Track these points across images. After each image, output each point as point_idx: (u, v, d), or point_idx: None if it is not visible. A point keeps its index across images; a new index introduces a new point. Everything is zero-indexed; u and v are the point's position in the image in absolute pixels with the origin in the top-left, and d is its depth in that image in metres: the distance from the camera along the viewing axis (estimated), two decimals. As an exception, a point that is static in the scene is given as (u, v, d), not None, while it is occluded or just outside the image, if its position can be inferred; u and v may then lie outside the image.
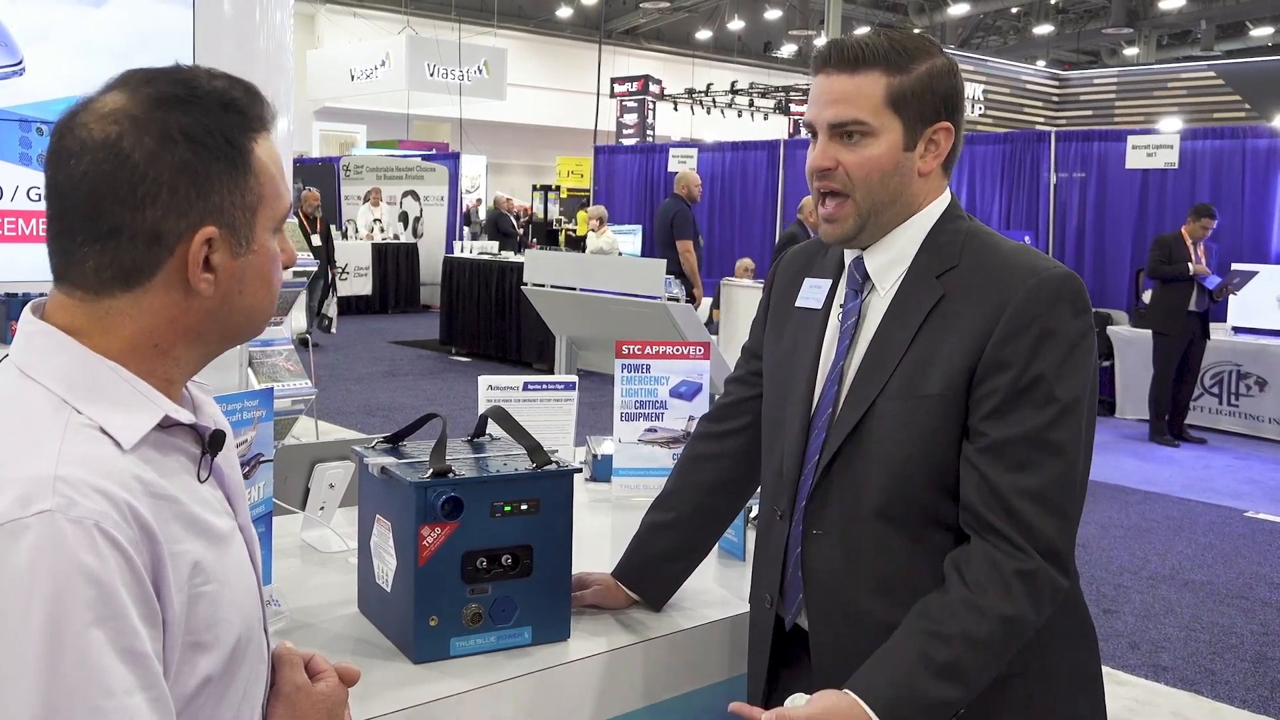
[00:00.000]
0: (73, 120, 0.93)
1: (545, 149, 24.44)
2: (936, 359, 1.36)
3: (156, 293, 0.94)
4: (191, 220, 0.93)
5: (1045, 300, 1.33)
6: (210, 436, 1.00)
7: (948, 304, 1.38)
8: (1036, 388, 1.32)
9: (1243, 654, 4.20)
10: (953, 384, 1.35)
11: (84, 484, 0.84)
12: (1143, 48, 23.80)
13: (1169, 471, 7.12)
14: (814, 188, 1.45)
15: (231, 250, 0.97)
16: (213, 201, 0.94)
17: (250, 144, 0.97)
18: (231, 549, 0.99)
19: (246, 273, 0.98)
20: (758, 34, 27.58)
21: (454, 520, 1.44)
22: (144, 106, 0.93)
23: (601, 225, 11.83)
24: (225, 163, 0.95)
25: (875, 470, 1.38)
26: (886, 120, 1.39)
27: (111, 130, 0.91)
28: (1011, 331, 1.33)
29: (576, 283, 7.47)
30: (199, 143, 0.93)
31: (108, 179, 0.91)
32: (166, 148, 0.92)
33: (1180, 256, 7.63)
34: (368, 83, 20.31)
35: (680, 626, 1.65)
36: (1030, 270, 1.36)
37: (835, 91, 1.40)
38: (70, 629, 0.81)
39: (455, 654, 1.47)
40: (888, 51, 1.38)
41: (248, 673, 1.00)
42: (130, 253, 0.92)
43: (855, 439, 1.40)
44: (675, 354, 2.29)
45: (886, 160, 1.40)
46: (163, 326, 0.96)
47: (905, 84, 1.38)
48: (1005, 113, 16.45)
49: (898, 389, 1.38)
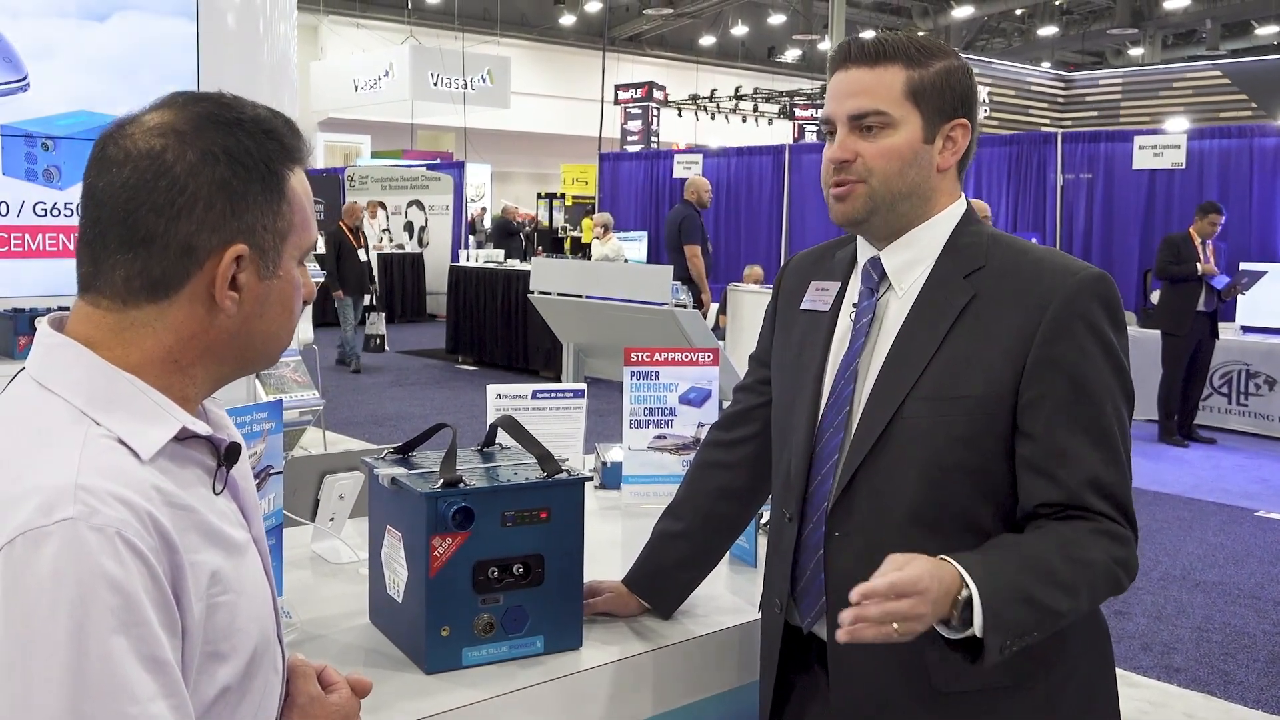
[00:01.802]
0: (119, 131, 0.96)
1: (550, 156, 24.48)
2: (975, 360, 1.35)
3: (181, 306, 0.96)
4: (224, 237, 0.95)
5: (1086, 298, 1.35)
6: (226, 449, 1.01)
7: (980, 304, 1.37)
8: (1093, 381, 1.33)
9: (1255, 654, 4.18)
10: (996, 385, 1.34)
11: (105, 493, 0.85)
12: (1148, 48, 23.78)
13: (1179, 472, 7.10)
14: (828, 184, 1.44)
15: (259, 272, 0.98)
16: (246, 222, 0.96)
17: (286, 172, 1.00)
18: (247, 560, 1.00)
19: (270, 297, 1.00)
20: (761, 39, 27.62)
21: (465, 530, 1.44)
22: (190, 123, 0.95)
23: (607, 232, 11.85)
24: (262, 186, 0.97)
25: (908, 472, 1.36)
26: (906, 111, 1.39)
27: (156, 142, 0.94)
28: (1058, 331, 1.33)
29: (583, 290, 7.48)
30: (239, 163, 0.96)
31: (148, 187, 0.93)
32: (208, 163, 0.94)
33: (1188, 256, 7.61)
34: (371, 93, 20.39)
35: (693, 634, 1.65)
36: (1067, 270, 1.37)
37: (856, 84, 1.40)
38: (94, 635, 0.81)
39: (467, 664, 1.47)
40: (907, 47, 1.40)
41: (263, 683, 1.01)
42: (161, 263, 0.94)
43: (882, 442, 1.38)
44: (684, 360, 2.29)
45: (906, 150, 1.40)
46: (184, 342, 0.97)
47: (925, 78, 1.39)
48: (1011, 115, 16.44)
49: (930, 390, 1.36)
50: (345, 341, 10.80)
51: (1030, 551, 1.29)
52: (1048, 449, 1.33)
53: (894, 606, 1.18)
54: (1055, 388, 1.33)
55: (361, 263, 10.76)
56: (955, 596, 1.22)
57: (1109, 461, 1.33)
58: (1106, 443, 1.33)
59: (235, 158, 0.96)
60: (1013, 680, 1.36)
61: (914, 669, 1.37)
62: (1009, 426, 1.35)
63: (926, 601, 1.19)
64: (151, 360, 0.96)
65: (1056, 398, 1.32)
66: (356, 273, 10.70)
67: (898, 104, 1.39)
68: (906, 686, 1.38)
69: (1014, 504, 1.37)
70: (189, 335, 0.97)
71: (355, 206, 11.28)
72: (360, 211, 11.28)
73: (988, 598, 1.22)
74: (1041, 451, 1.33)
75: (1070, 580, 1.28)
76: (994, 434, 1.35)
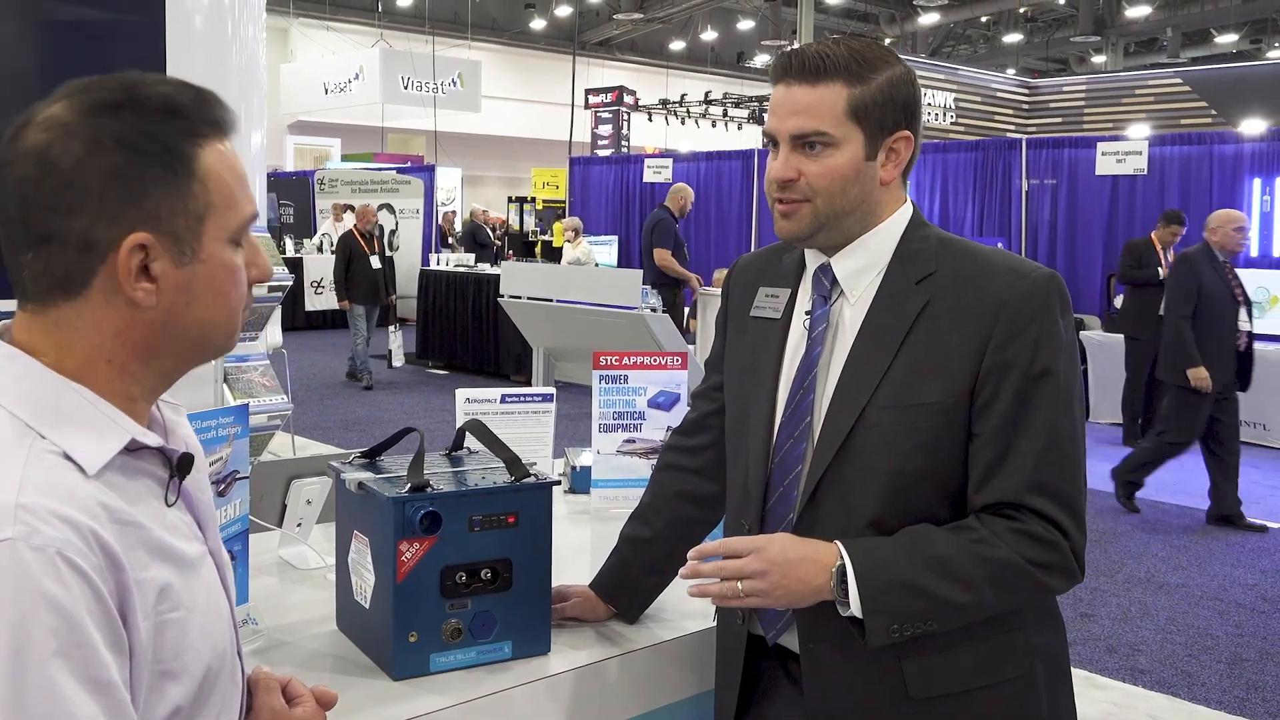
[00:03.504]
0: (16, 131, 0.92)
1: (520, 161, 24.44)
2: (932, 367, 1.36)
3: (97, 303, 0.93)
4: (123, 227, 0.91)
5: (1038, 300, 1.36)
6: (178, 460, 0.98)
7: (934, 310, 1.38)
8: (1045, 382, 1.34)
9: (1218, 655, 4.24)
10: (954, 391, 1.35)
11: (46, 511, 0.83)
12: (1110, 55, 24.09)
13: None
14: (773, 198, 1.45)
15: (174, 259, 0.94)
16: (146, 209, 0.91)
17: (194, 149, 0.94)
18: (201, 574, 0.98)
19: (194, 283, 0.95)
20: (731, 44, 27.72)
21: (432, 535, 1.43)
22: (77, 113, 0.91)
23: (577, 236, 11.85)
24: (162, 168, 0.92)
25: (871, 480, 1.37)
26: (848, 130, 1.39)
27: (42, 138, 0.90)
28: (1011, 335, 1.34)
29: (553, 294, 7.47)
30: (132, 149, 0.91)
31: (35, 186, 0.90)
32: (95, 154, 0.90)
33: (1150, 261, 7.72)
34: (341, 96, 20.26)
35: (661, 638, 1.65)
36: (1017, 273, 1.38)
37: (797, 102, 1.40)
38: (34, 658, 0.79)
39: (435, 670, 1.46)
40: (848, 62, 1.38)
41: (220, 700, 0.99)
42: (62, 261, 0.91)
43: (845, 449, 1.39)
44: (653, 364, 2.29)
45: (849, 169, 1.40)
46: (110, 340, 0.94)
47: (866, 94, 1.39)
48: (976, 121, 16.59)
49: (890, 398, 1.37)
50: (356, 354, 10.21)
51: (931, 544, 1.33)
52: (994, 451, 1.35)
53: (729, 564, 1.32)
54: (1006, 390, 1.34)
55: (374, 270, 10.04)
56: (830, 567, 1.31)
57: (1055, 463, 1.35)
58: (1054, 444, 1.35)
59: (126, 143, 0.90)
60: (988, 681, 1.38)
61: (891, 677, 1.37)
62: (966, 430, 1.36)
63: (763, 560, 1.31)
64: (89, 362, 0.93)
65: (1007, 400, 1.34)
66: (368, 281, 10.01)
67: (839, 124, 1.38)
68: (883, 694, 1.39)
69: None
70: (114, 332, 0.93)
71: (368, 210, 10.53)
72: (373, 216, 10.56)
73: (863, 574, 1.30)
74: (988, 453, 1.35)
75: (968, 574, 1.31)
76: (953, 439, 1.36)
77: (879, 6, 24.63)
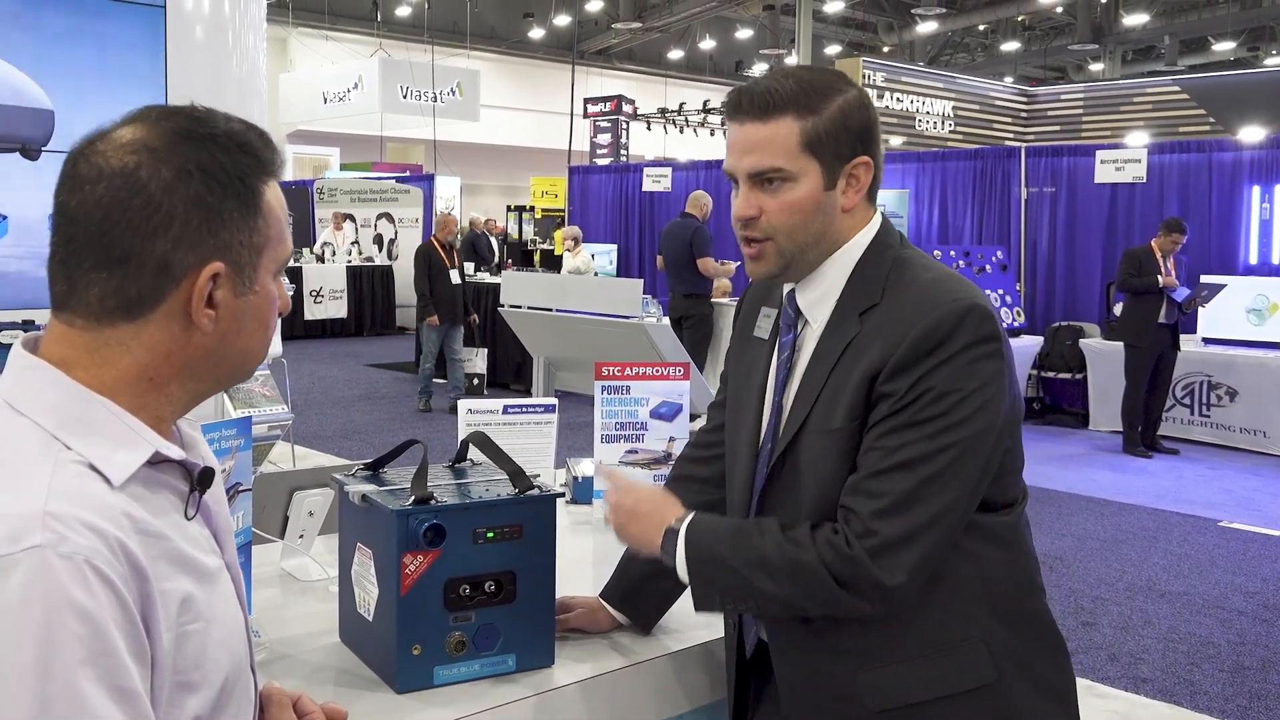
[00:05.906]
0: (89, 148, 0.94)
1: (519, 170, 24.47)
2: (840, 394, 1.38)
3: (157, 325, 0.95)
4: (200, 254, 0.94)
5: (944, 330, 1.33)
6: (199, 474, 0.99)
7: (860, 339, 1.39)
8: (919, 415, 1.31)
9: (1220, 664, 4.23)
10: (853, 417, 1.37)
11: (74, 520, 0.84)
12: (1108, 63, 24.16)
13: (1143, 482, 7.18)
14: (740, 236, 1.46)
15: (235, 289, 0.97)
16: (222, 238, 0.95)
17: (261, 186, 0.99)
18: (219, 587, 0.99)
19: (246, 313, 0.99)
20: (729, 53, 27.79)
21: (436, 548, 1.43)
22: (163, 139, 0.94)
23: (577, 245, 11.85)
24: (237, 202, 0.96)
25: (803, 502, 1.41)
26: (804, 164, 1.38)
27: (130, 160, 0.92)
28: (901, 366, 1.33)
29: (553, 304, 7.48)
30: (214, 179, 0.94)
31: (122, 206, 0.91)
32: (183, 181, 0.93)
33: (1150, 269, 7.72)
34: (341, 105, 20.29)
35: (667, 649, 1.65)
36: (935, 303, 1.35)
37: (750, 140, 1.40)
38: (61, 665, 0.80)
39: (439, 683, 1.46)
40: (797, 94, 1.37)
41: (235, 713, 0.99)
42: (137, 282, 0.93)
43: (784, 471, 1.44)
44: (655, 375, 2.29)
45: (808, 202, 1.40)
46: (159, 361, 0.96)
47: (819, 125, 1.38)
48: (975, 129, 16.62)
49: (815, 423, 1.40)
50: (424, 374, 9.32)
51: (759, 534, 1.37)
52: (859, 478, 1.35)
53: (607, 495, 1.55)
54: (881, 419, 1.34)
55: (454, 285, 9.05)
56: (662, 528, 1.43)
57: (908, 494, 1.31)
58: (913, 474, 1.31)
59: (210, 174, 0.94)
60: (947, 691, 1.38)
61: (849, 689, 1.40)
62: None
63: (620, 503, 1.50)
64: (127, 379, 0.95)
65: (881, 429, 1.34)
66: (449, 297, 9.02)
67: (794, 158, 1.38)
68: (847, 706, 1.41)
69: None
70: (165, 353, 0.96)
71: (450, 220, 9.59)
72: (455, 226, 9.55)
73: (691, 543, 1.41)
74: (855, 479, 1.35)
75: (777, 567, 1.34)
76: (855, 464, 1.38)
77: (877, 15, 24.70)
